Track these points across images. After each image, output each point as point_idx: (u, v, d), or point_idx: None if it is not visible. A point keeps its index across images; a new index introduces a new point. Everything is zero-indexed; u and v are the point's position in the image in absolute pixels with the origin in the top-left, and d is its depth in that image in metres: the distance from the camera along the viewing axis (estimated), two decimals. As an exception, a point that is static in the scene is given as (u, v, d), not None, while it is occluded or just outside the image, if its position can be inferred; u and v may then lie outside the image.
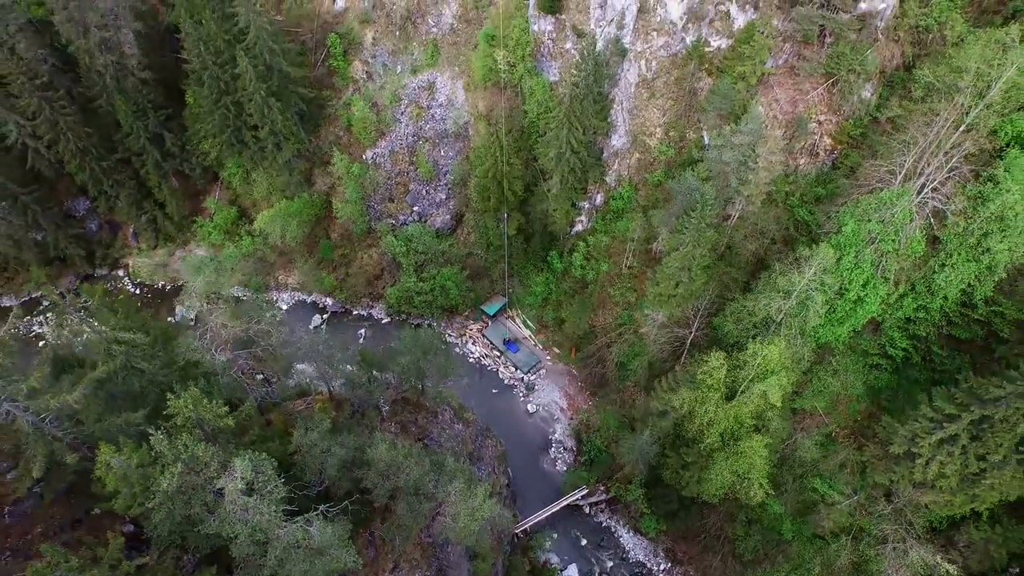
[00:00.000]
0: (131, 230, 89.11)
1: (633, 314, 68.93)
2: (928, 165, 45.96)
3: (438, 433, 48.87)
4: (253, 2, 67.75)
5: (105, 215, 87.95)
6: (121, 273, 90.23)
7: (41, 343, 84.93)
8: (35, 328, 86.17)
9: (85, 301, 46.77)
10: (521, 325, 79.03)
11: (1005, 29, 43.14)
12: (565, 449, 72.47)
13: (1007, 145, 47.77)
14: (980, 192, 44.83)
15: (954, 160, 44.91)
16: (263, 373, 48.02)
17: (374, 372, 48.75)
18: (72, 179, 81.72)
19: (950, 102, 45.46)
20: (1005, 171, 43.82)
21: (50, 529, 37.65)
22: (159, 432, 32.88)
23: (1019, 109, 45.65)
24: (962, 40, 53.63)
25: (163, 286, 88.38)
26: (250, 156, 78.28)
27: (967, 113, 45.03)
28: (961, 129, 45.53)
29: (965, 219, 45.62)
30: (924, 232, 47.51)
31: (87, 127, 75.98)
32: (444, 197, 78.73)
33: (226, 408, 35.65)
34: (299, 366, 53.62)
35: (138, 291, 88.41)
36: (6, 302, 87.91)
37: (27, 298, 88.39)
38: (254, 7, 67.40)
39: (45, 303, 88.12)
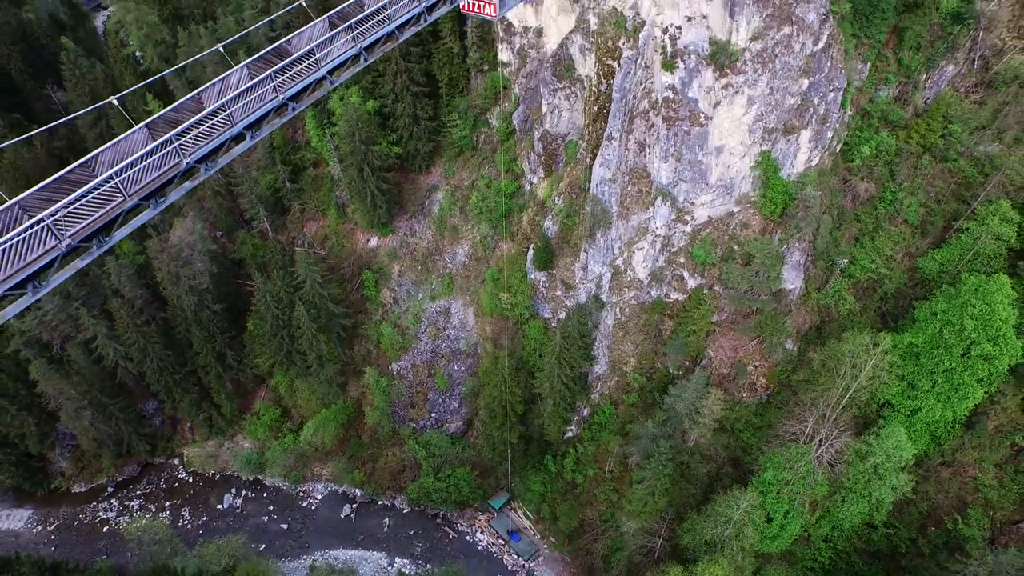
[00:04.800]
0: (188, 425, 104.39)
1: (615, 512, 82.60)
2: (823, 426, 61.85)
3: (459, 641, 61.45)
4: (310, 262, 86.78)
5: (169, 413, 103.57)
6: (176, 462, 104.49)
7: (105, 528, 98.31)
8: (100, 514, 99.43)
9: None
10: (522, 517, 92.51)
11: (863, 337, 60.19)
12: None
13: (881, 406, 64.18)
14: (860, 449, 60.42)
15: (839, 426, 60.88)
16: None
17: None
18: (147, 387, 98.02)
19: (836, 377, 61.93)
20: (873, 437, 59.70)
21: None
22: None
23: (883, 383, 62.10)
24: (852, 313, 71.80)
25: (213, 475, 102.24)
26: (296, 371, 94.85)
27: (848, 388, 61.40)
28: (846, 398, 61.78)
29: (852, 468, 60.88)
30: (826, 476, 62.62)
31: (167, 349, 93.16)
32: (457, 406, 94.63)
33: None
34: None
35: (191, 479, 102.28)
36: (77, 488, 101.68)
37: (93, 485, 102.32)
38: (311, 266, 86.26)
39: (110, 489, 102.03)
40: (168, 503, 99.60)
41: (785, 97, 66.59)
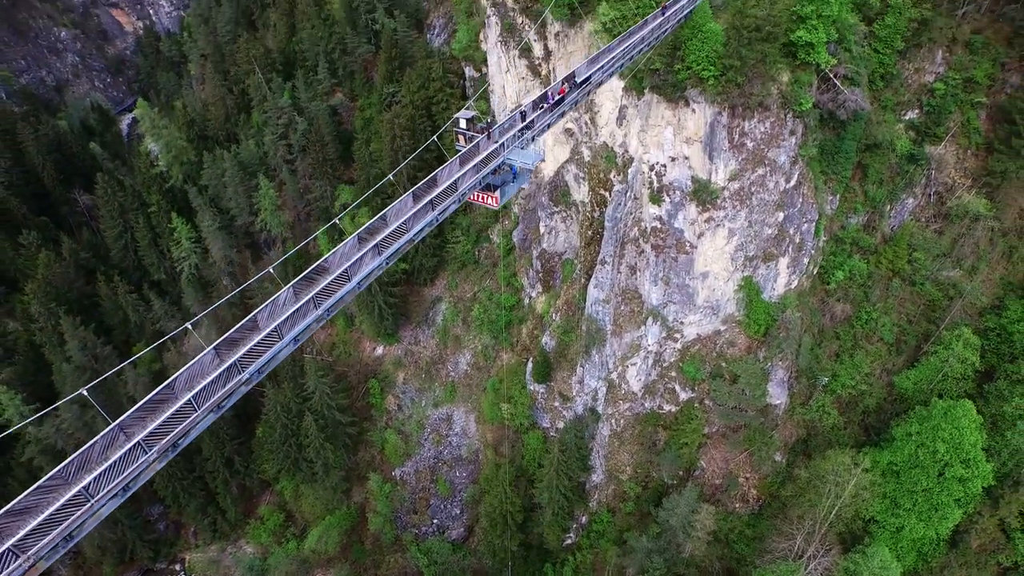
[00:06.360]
0: (192, 529, 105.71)
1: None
2: (811, 543, 64.28)
3: None
4: (320, 374, 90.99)
5: (173, 517, 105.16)
6: (178, 567, 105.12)
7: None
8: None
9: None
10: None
11: (843, 456, 63.62)
12: None
13: (867, 522, 66.75)
14: (848, 568, 62.65)
15: (826, 544, 63.37)
16: None
17: None
18: (154, 492, 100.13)
19: (821, 495, 64.85)
20: (860, 555, 62.03)
21: None
22: None
23: (865, 501, 64.93)
24: (836, 427, 75.30)
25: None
26: (302, 477, 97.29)
27: (833, 505, 64.23)
28: (832, 515, 64.50)
29: (841, 586, 62.97)
30: (816, 593, 64.62)
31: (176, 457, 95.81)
32: (459, 512, 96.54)
33: None
34: None
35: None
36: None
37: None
38: (321, 378, 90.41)
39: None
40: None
41: (763, 228, 72.57)
